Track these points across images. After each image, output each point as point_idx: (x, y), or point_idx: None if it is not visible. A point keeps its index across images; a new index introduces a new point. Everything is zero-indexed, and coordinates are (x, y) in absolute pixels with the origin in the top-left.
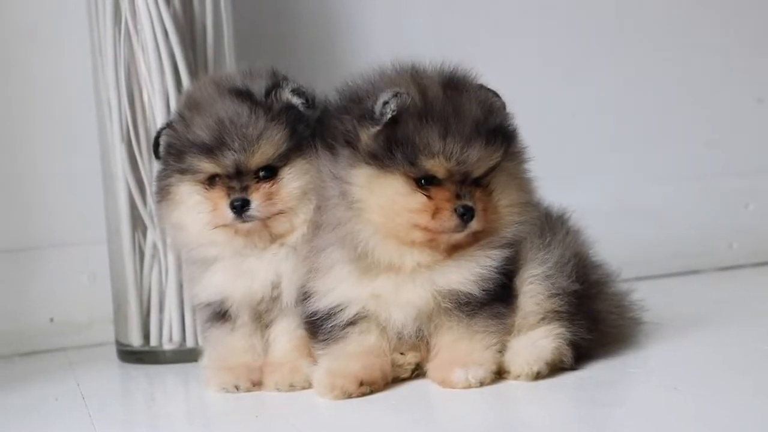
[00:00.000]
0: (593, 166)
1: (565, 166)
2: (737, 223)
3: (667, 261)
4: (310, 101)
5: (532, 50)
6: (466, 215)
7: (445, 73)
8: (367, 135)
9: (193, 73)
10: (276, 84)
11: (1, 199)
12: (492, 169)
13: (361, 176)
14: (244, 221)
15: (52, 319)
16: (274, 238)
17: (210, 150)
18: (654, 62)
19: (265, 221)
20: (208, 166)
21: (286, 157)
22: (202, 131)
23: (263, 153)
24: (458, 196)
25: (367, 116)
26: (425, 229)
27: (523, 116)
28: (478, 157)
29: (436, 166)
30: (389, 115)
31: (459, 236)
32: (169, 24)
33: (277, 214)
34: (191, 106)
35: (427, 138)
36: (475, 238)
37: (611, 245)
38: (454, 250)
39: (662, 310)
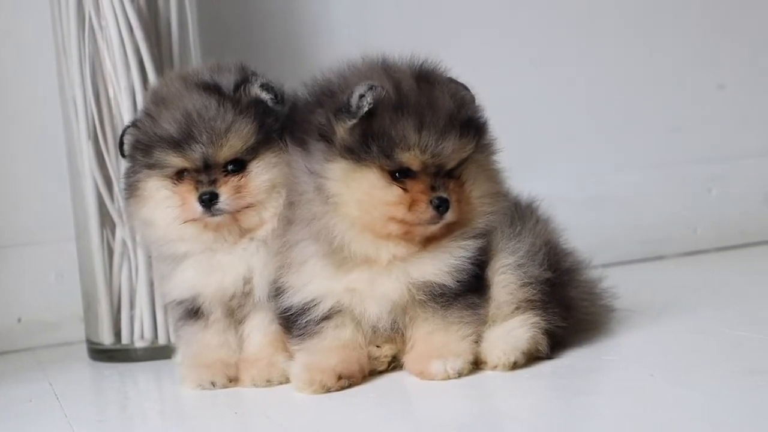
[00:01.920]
0: (557, 154)
1: (529, 155)
2: (701, 208)
3: (632, 247)
4: (278, 97)
5: (497, 40)
6: (441, 207)
7: (416, 66)
8: (343, 128)
9: (159, 68)
10: (245, 79)
11: None
12: (464, 161)
13: (336, 170)
14: (213, 215)
15: (19, 319)
16: (244, 232)
17: (178, 143)
18: (616, 49)
19: (234, 215)
20: (176, 160)
21: (254, 151)
22: (169, 125)
23: (231, 146)
24: (433, 188)
25: (343, 110)
26: (401, 221)
27: (489, 106)
28: (452, 149)
29: (411, 158)
30: (366, 108)
31: (434, 228)
32: (133, 19)
33: (246, 207)
34: (157, 101)
35: (402, 131)
36: (449, 230)
37: (576, 232)
38: (428, 242)
39: (631, 296)
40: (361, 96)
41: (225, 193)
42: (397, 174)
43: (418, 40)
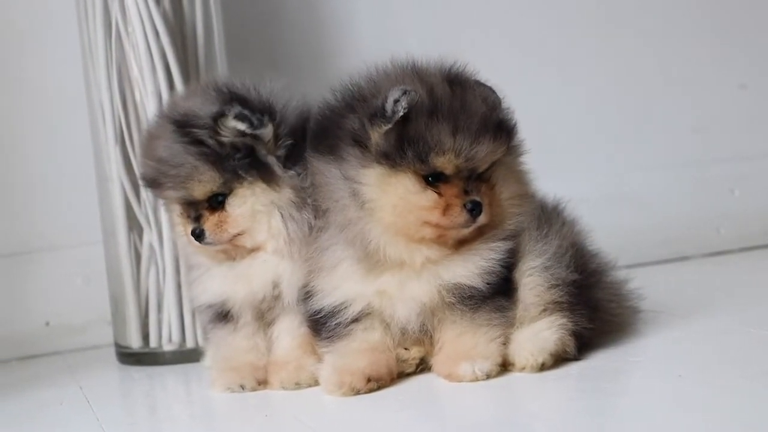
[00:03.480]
0: (579, 156)
1: (551, 157)
2: (724, 208)
3: (656, 248)
4: (256, 122)
5: (517, 43)
6: (474, 210)
7: (446, 70)
8: (377, 134)
9: (185, 73)
10: (221, 113)
11: None
12: (494, 164)
13: (372, 175)
14: (207, 245)
15: (47, 323)
16: (250, 250)
17: (157, 185)
18: (638, 50)
19: (229, 242)
20: (164, 196)
21: (227, 186)
22: (145, 168)
23: (198, 189)
24: (466, 192)
25: (378, 114)
26: (436, 225)
27: (511, 107)
28: (485, 153)
29: (445, 163)
30: (401, 113)
31: (467, 231)
32: (159, 24)
33: (237, 235)
34: (146, 139)
35: (438, 135)
36: (480, 232)
37: (599, 234)
38: (460, 244)
39: (656, 297)
40: (396, 101)
41: (207, 229)
42: (430, 178)
43: (439, 44)
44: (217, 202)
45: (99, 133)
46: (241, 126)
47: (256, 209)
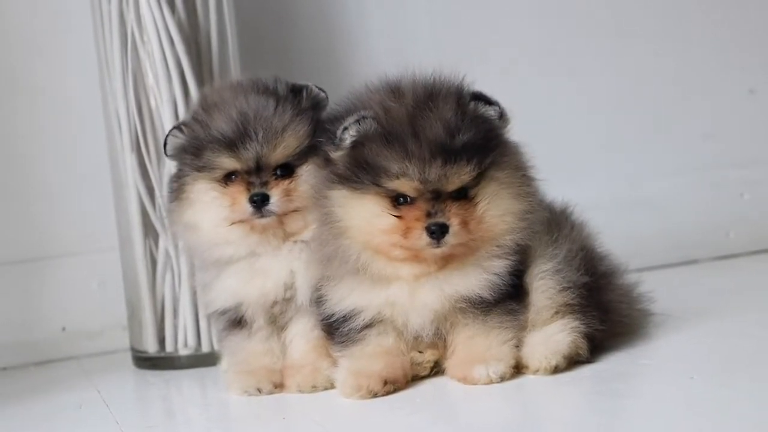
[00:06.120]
0: (590, 160)
1: (562, 162)
2: (734, 212)
3: (666, 252)
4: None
5: (529, 48)
6: (435, 233)
7: (420, 91)
8: (335, 157)
9: (200, 80)
10: (297, 85)
11: (10, 210)
12: (477, 181)
13: (338, 197)
14: (262, 216)
15: (64, 328)
16: (288, 235)
17: (232, 143)
18: (648, 56)
19: (281, 218)
20: (227, 162)
21: (303, 156)
22: (224, 124)
23: (286, 146)
24: (429, 214)
25: (332, 140)
26: (402, 247)
27: (521, 114)
28: (438, 176)
29: (401, 186)
30: (348, 141)
31: (440, 251)
32: (174, 33)
33: (294, 211)
34: (208, 106)
35: (387, 161)
36: (469, 247)
37: (610, 238)
38: (446, 261)
39: (666, 300)
40: (345, 128)
41: (276, 195)
42: (401, 198)
43: (453, 50)
44: (279, 173)
45: (115, 140)
46: (323, 94)
47: None
